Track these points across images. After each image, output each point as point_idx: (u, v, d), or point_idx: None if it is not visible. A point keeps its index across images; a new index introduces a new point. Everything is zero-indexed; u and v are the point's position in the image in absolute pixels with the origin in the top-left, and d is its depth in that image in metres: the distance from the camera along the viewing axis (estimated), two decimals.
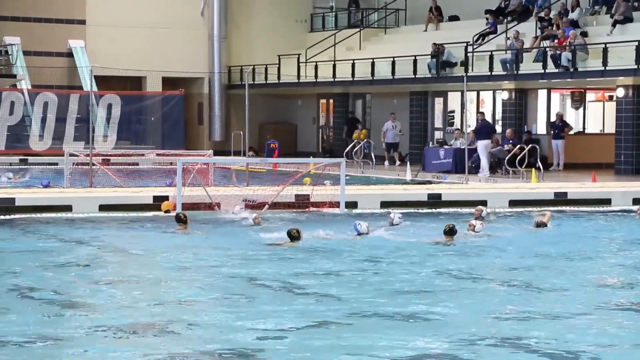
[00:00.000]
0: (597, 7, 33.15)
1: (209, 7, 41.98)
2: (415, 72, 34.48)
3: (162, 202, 19.78)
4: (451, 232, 15.73)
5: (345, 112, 40.19)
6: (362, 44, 40.17)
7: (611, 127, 31.58)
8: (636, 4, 31.88)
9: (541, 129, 33.37)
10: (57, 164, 32.19)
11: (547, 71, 30.68)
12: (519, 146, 29.27)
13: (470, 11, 37.11)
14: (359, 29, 40.89)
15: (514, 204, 21.26)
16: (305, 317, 10.27)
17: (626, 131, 30.01)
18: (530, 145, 29.39)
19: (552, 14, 33.19)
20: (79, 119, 37.61)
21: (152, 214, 19.42)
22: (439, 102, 36.50)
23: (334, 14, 43.83)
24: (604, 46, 29.29)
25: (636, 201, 21.70)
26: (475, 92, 34.45)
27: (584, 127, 34.16)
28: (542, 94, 33.76)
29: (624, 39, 29.42)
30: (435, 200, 21.37)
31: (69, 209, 19.42)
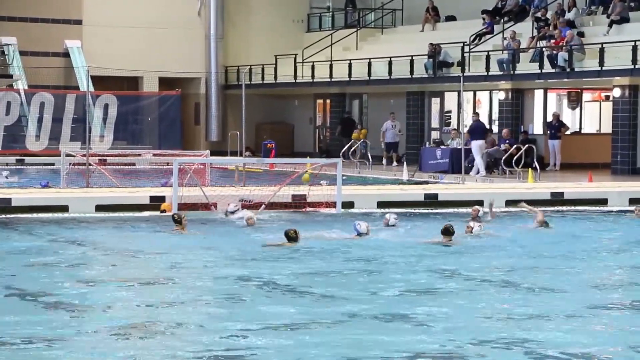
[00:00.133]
0: (593, 7, 33.17)
1: (206, 7, 41.97)
2: (412, 72, 34.48)
3: (158, 203, 19.78)
4: (449, 232, 15.71)
5: (342, 112, 40.18)
6: (358, 44, 40.18)
7: (607, 127, 31.61)
8: (632, 4, 31.90)
9: (538, 129, 33.38)
10: (53, 164, 32.20)
11: (543, 71, 30.69)
12: (515, 146, 29.29)
13: (467, 11, 37.13)
14: (355, 29, 40.90)
15: (510, 204, 21.26)
16: (302, 317, 10.26)
17: (622, 131, 30.04)
18: (526, 145, 29.41)
19: (548, 14, 33.21)
20: (76, 119, 37.61)
21: (148, 214, 19.41)
22: (435, 102, 36.52)
23: (331, 14, 43.84)
24: (600, 46, 29.32)
25: (633, 201, 21.71)
26: (471, 92, 34.46)
27: (581, 127, 34.18)
28: (539, 94, 33.77)
29: (620, 39, 29.44)
30: (431, 200, 21.38)
31: (65, 209, 19.40)
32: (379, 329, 9.80)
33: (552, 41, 31.25)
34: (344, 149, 33.33)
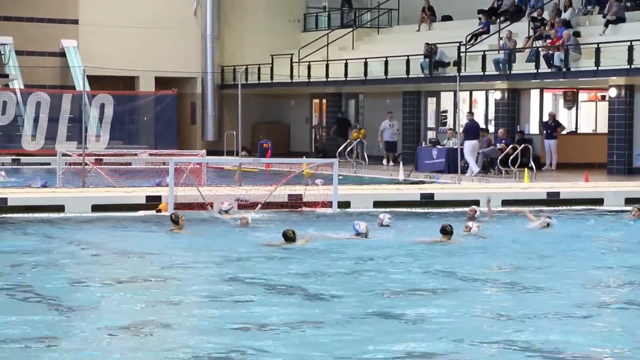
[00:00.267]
0: (589, 7, 33.19)
1: (202, 6, 41.95)
2: (408, 72, 34.49)
3: (154, 203, 19.78)
4: (446, 231, 15.70)
5: (338, 112, 40.16)
6: (355, 43, 40.18)
7: (603, 127, 31.63)
8: (628, 4, 31.93)
9: (534, 128, 33.40)
10: (49, 164, 32.13)
11: (539, 71, 30.72)
12: (511, 146, 29.31)
13: (463, 11, 37.14)
14: (351, 29, 40.90)
15: (506, 203, 21.27)
16: (298, 317, 10.26)
17: (618, 131, 30.06)
18: (522, 145, 29.43)
19: (545, 14, 33.24)
20: (72, 118, 37.59)
21: (144, 213, 19.41)
22: (431, 102, 36.52)
23: (327, 13, 43.84)
24: (596, 46, 29.34)
25: (628, 201, 21.74)
26: (467, 92, 34.48)
27: (577, 127, 34.21)
28: (535, 93, 33.79)
29: (616, 39, 29.47)
30: (428, 200, 21.39)
31: (61, 209, 19.39)
32: (376, 329, 9.80)
33: (548, 41, 31.27)
34: (340, 149, 33.33)
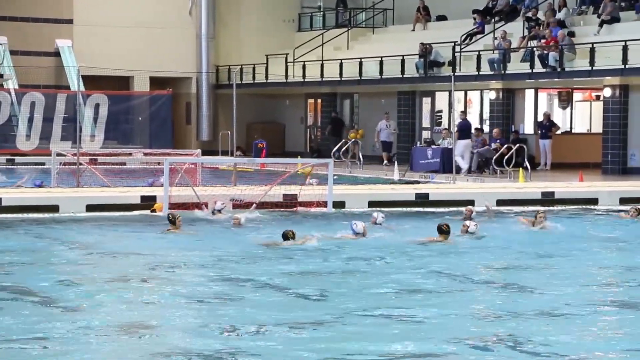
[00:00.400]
0: (584, 7, 33.23)
1: (197, 6, 41.93)
2: (403, 71, 34.49)
3: (149, 202, 19.77)
4: (443, 230, 15.67)
5: (332, 111, 40.15)
6: (349, 43, 40.18)
7: (598, 127, 31.66)
8: (623, 4, 31.95)
9: (528, 128, 33.42)
10: (44, 164, 32.10)
11: (534, 71, 30.73)
12: (506, 146, 29.32)
13: (457, 11, 37.15)
14: (346, 29, 40.90)
15: (501, 203, 21.29)
16: (295, 317, 10.26)
17: (613, 131, 30.09)
18: (517, 144, 29.45)
19: (539, 14, 33.26)
20: (66, 118, 37.54)
21: (139, 213, 19.39)
22: (426, 101, 36.54)
23: (322, 13, 43.84)
24: (591, 46, 29.36)
25: (623, 200, 21.77)
26: (462, 92, 34.49)
27: (571, 127, 34.24)
28: (530, 93, 33.81)
29: (610, 39, 29.49)
30: (423, 200, 21.39)
31: (56, 209, 19.37)
32: (374, 329, 9.80)
33: (543, 41, 31.29)
34: (335, 149, 33.34)
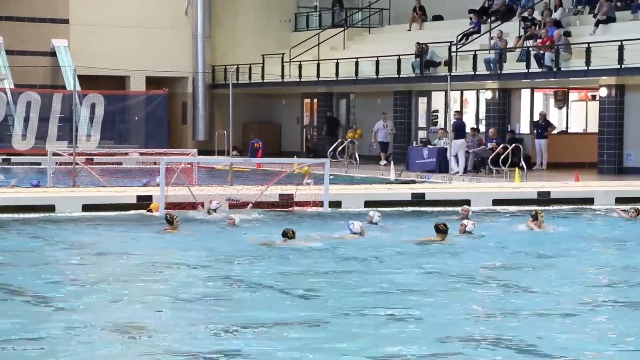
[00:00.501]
0: (580, 7, 33.26)
1: (193, 6, 41.92)
2: (399, 71, 34.52)
3: (145, 202, 19.76)
4: (440, 230, 15.67)
5: (328, 111, 40.17)
6: (346, 43, 40.19)
7: (594, 127, 31.70)
8: (619, 4, 31.99)
9: (524, 128, 33.46)
10: (40, 164, 32.08)
11: (530, 71, 30.77)
12: (502, 145, 29.35)
13: (454, 11, 37.18)
14: (342, 29, 40.91)
15: (497, 203, 21.31)
16: (292, 317, 10.26)
17: (609, 130, 30.13)
18: (513, 144, 29.46)
19: (535, 14, 33.28)
20: (62, 118, 37.51)
21: (135, 213, 19.38)
22: (422, 101, 36.56)
23: (318, 13, 43.85)
24: (587, 46, 29.40)
25: (619, 200, 21.79)
26: (458, 92, 34.52)
27: (567, 127, 34.27)
28: (526, 93, 33.85)
29: (606, 39, 29.52)
30: (419, 199, 21.41)
31: (52, 209, 19.35)
32: (370, 329, 9.80)
33: (539, 41, 31.32)
34: (331, 148, 33.35)
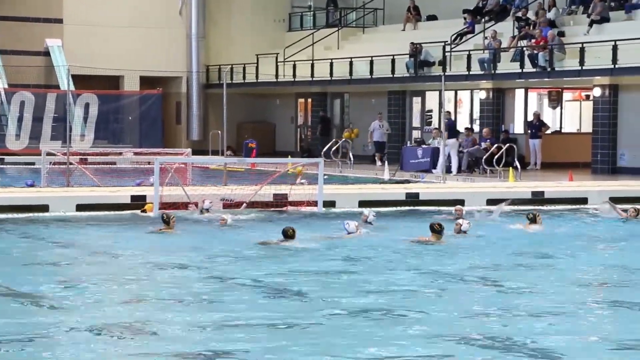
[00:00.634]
0: (573, 7, 33.30)
1: (187, 6, 41.90)
2: (393, 71, 34.53)
3: (140, 202, 19.76)
4: (435, 229, 15.68)
5: (321, 111, 40.18)
6: (340, 43, 40.20)
7: (588, 127, 31.75)
8: (613, 4, 32.03)
9: (518, 128, 33.49)
10: (34, 164, 32.04)
11: (524, 71, 30.80)
12: (496, 145, 29.38)
13: (448, 11, 37.21)
14: (337, 29, 40.92)
15: (491, 203, 21.31)
16: (288, 317, 10.26)
17: (602, 130, 30.17)
18: (507, 144, 29.50)
19: (529, 14, 33.32)
20: (56, 118, 37.46)
21: (129, 213, 19.37)
22: (417, 101, 36.58)
23: (312, 13, 43.85)
24: (580, 46, 29.43)
25: (613, 200, 21.76)
26: (453, 92, 34.54)
27: (561, 127, 34.32)
28: (520, 93, 33.88)
29: (600, 39, 29.56)
30: (413, 199, 21.42)
31: (45, 208, 19.33)
32: (366, 329, 9.80)
33: (533, 41, 31.35)
34: (325, 148, 33.35)
